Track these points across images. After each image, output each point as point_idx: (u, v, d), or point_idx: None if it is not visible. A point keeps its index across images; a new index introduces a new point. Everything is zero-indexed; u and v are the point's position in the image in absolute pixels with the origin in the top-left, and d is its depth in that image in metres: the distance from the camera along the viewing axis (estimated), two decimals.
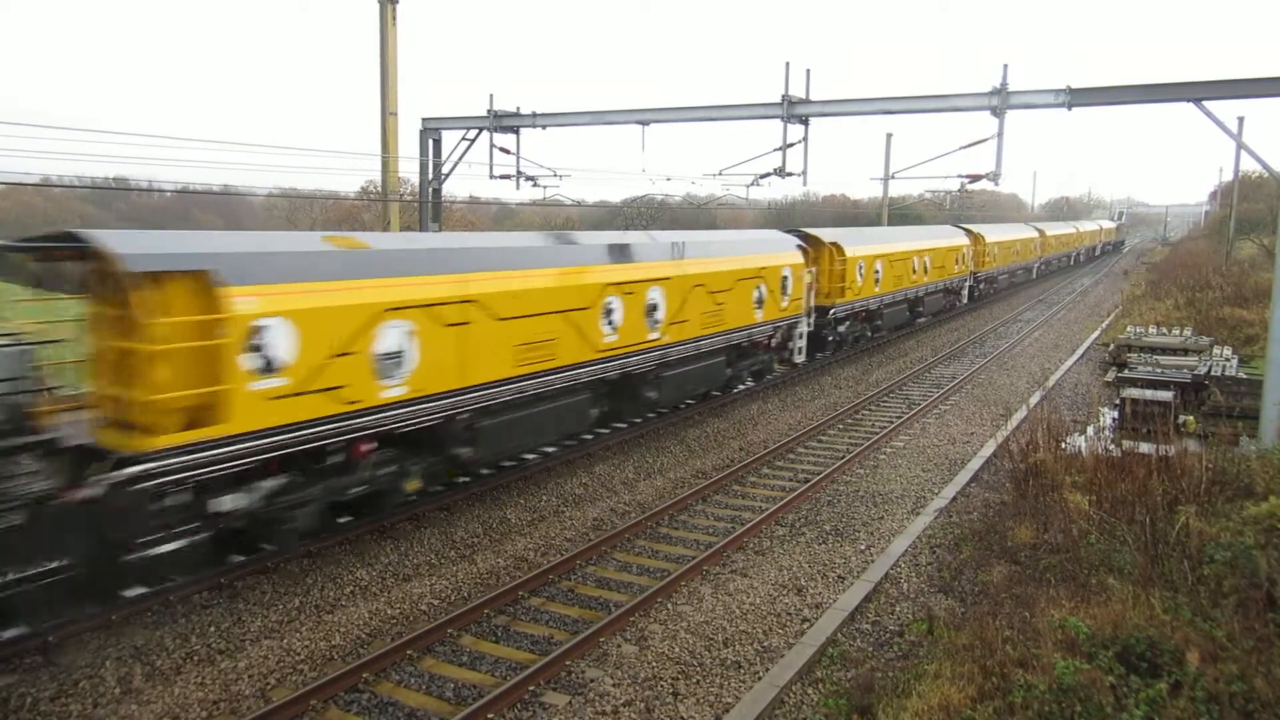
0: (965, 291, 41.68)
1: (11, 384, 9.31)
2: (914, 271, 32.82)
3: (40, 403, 9.60)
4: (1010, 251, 49.07)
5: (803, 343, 23.92)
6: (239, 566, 10.92)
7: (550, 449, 16.12)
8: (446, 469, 13.13)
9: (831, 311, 25.80)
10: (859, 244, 27.62)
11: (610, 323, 15.52)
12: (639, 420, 18.35)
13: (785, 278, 21.91)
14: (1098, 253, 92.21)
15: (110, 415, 9.67)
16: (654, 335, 16.86)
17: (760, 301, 20.81)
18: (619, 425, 17.74)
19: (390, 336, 11.38)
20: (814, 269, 24.70)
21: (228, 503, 9.99)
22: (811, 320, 24.55)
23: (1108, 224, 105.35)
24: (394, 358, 11.46)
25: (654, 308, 16.75)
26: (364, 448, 11.45)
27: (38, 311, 10.07)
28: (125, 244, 9.33)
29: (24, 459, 9.16)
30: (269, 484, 10.46)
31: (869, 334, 30.16)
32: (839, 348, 27.92)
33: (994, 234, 45.65)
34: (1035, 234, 56.87)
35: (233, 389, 9.63)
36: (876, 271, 28.65)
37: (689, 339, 18.09)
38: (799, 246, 23.36)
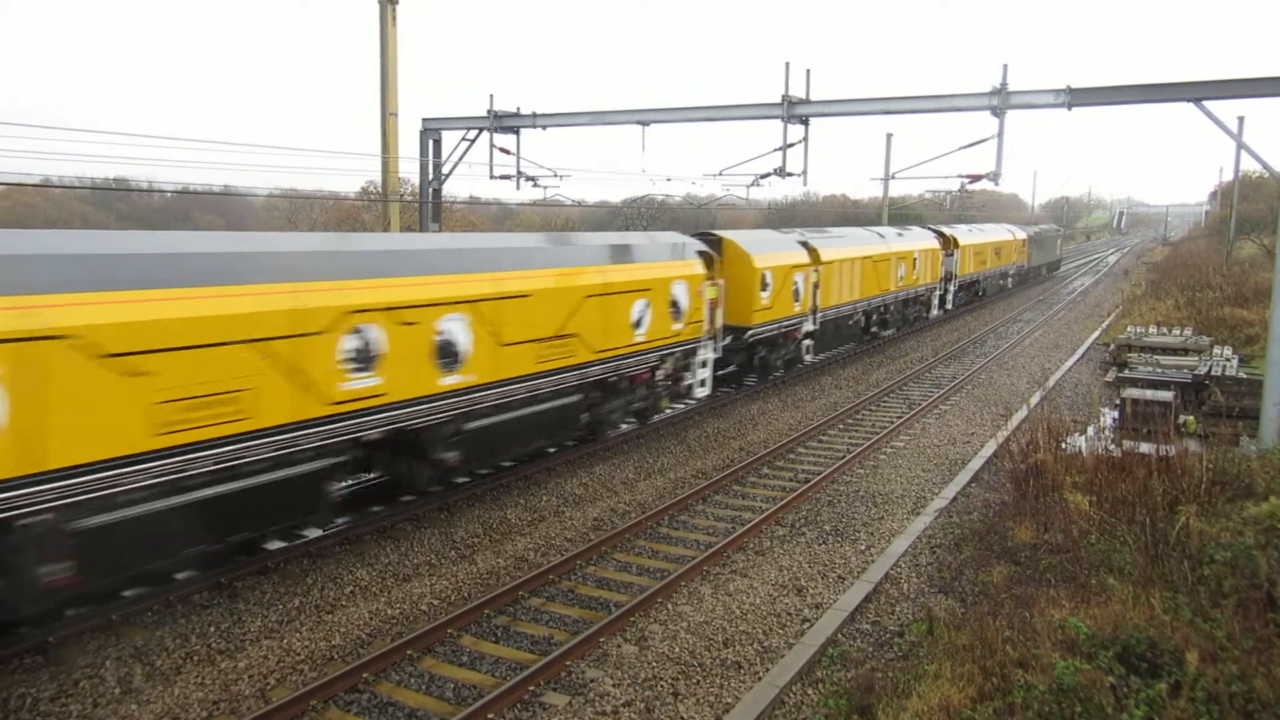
0: (936, 301, 37.07)
1: None
2: (866, 280, 28.39)
3: None
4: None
5: (706, 373, 19.69)
6: (239, 566, 10.92)
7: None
8: (34, 597, 8.63)
9: (749, 334, 21.48)
10: (785, 250, 23.16)
11: (361, 364, 11.32)
12: (433, 491, 13.56)
13: (677, 293, 17.89)
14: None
15: None
16: (451, 378, 12.67)
17: (638, 323, 16.75)
18: (409, 498, 13.42)
19: None
20: (721, 281, 20.08)
21: None
22: (719, 344, 20.24)
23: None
24: None
25: (449, 340, 12.61)
26: None
27: None
28: None
29: None
30: None
31: (805, 358, 25.47)
32: (764, 376, 23.50)
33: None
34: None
35: None
36: (813, 283, 24.10)
37: (514, 377, 13.84)
38: (701, 253, 19.16)
